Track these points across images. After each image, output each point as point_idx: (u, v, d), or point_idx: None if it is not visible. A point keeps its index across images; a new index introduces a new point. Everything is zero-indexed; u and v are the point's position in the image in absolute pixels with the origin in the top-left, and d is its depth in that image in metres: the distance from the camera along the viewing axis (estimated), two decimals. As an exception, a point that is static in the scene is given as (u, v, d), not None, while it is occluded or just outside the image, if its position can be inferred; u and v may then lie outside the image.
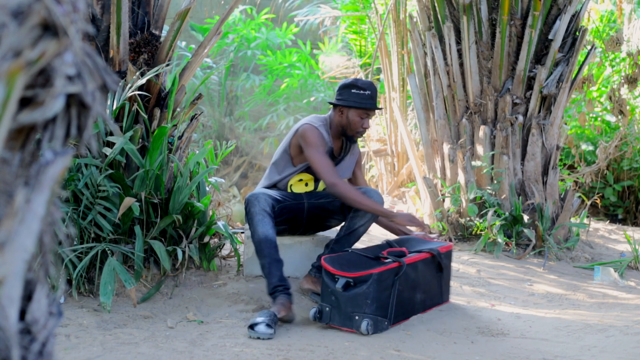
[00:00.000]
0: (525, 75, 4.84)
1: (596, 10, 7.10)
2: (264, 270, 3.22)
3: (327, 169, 3.32)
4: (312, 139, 3.38)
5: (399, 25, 6.31)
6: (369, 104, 3.42)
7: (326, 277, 3.09)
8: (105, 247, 3.33)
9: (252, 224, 3.26)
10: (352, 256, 3.22)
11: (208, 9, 10.28)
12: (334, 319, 3.05)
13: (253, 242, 3.27)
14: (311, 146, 3.37)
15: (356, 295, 3.01)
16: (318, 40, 9.70)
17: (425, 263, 3.28)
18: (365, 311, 2.99)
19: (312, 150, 3.36)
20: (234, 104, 9.48)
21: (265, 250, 3.19)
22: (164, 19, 3.79)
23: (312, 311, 3.11)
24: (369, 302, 2.99)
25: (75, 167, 3.34)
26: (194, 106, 3.81)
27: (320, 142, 3.39)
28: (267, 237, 3.21)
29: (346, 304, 3.02)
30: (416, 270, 3.22)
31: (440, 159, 5.13)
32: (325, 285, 3.09)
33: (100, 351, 2.71)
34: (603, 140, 6.33)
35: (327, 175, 3.30)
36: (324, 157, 3.36)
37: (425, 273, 3.30)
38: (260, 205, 3.26)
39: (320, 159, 3.34)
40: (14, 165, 0.77)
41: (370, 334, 2.97)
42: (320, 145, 3.38)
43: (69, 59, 0.78)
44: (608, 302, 3.79)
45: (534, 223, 4.71)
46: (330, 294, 3.06)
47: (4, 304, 0.76)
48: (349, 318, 3.01)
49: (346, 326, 3.02)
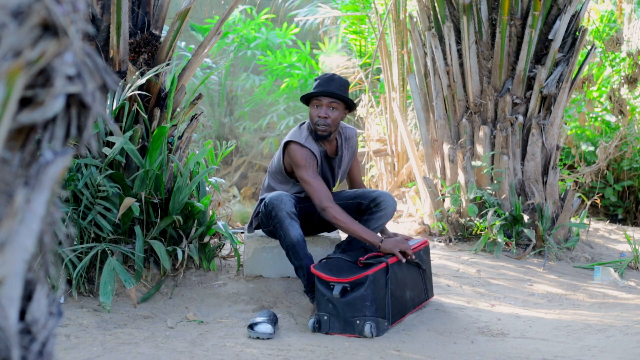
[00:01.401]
0: (525, 75, 4.84)
1: (596, 10, 7.10)
2: (300, 271, 3.22)
3: (317, 193, 3.26)
4: (299, 160, 3.31)
5: (399, 25, 6.31)
6: (314, 91, 3.35)
7: (320, 285, 3.05)
8: (105, 247, 3.33)
9: (281, 228, 3.21)
10: (339, 261, 3.21)
11: (208, 9, 10.28)
12: (334, 327, 3.02)
13: (284, 245, 3.24)
14: (300, 168, 3.31)
15: (355, 299, 2.98)
16: (318, 40, 9.70)
17: (408, 261, 3.27)
18: (366, 314, 2.96)
19: (302, 173, 3.30)
20: (234, 104, 9.48)
21: (301, 252, 3.20)
22: (164, 19, 3.79)
23: (311, 322, 3.06)
24: (368, 304, 2.96)
25: (75, 167, 3.34)
26: (193, 106, 3.81)
27: (309, 161, 3.31)
28: (299, 240, 3.21)
29: (345, 310, 2.98)
30: (402, 269, 3.20)
31: (440, 159, 5.13)
32: (320, 294, 3.04)
33: (100, 351, 2.71)
34: (603, 140, 6.33)
35: (318, 201, 3.25)
36: (314, 179, 3.28)
37: (411, 271, 3.29)
38: (287, 208, 3.23)
39: (311, 181, 3.28)
40: (14, 165, 0.77)
41: (374, 336, 2.95)
42: (309, 165, 3.31)
43: (69, 59, 0.78)
44: (608, 302, 3.79)
45: (534, 223, 4.71)
46: (327, 302, 3.02)
47: (4, 304, 0.76)
48: (350, 324, 2.98)
49: (347, 332, 2.99)
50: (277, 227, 3.24)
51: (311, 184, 3.27)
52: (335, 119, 3.35)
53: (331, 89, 3.32)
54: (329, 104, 3.33)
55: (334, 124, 3.36)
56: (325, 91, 3.32)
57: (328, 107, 3.33)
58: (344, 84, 3.39)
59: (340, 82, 3.38)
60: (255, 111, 9.47)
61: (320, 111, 3.33)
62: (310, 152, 3.33)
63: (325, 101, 3.33)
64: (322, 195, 3.25)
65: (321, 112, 3.32)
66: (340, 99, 3.34)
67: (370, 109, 7.05)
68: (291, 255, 3.24)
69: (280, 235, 3.24)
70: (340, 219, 3.22)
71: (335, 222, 3.24)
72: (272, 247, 3.63)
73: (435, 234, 5.00)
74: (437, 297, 3.63)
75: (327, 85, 3.34)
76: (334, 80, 3.37)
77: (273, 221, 3.26)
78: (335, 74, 3.42)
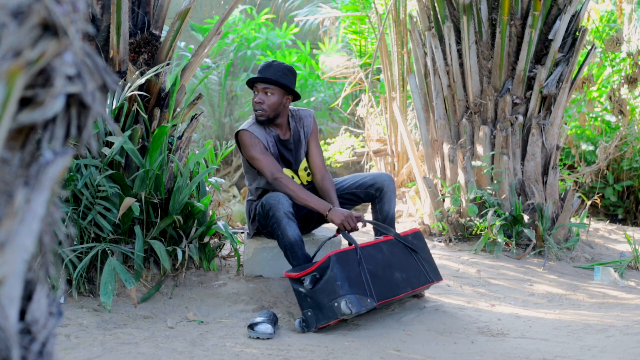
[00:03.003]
0: (525, 75, 4.84)
1: (596, 10, 7.10)
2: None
3: (265, 165, 3.36)
4: (245, 142, 3.43)
5: (399, 25, 6.31)
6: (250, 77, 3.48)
7: (295, 284, 3.09)
8: (105, 247, 3.33)
9: (279, 228, 3.25)
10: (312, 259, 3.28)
11: (208, 9, 10.28)
12: (320, 319, 3.01)
13: (282, 245, 3.27)
14: (246, 148, 3.42)
15: (325, 283, 2.99)
16: (318, 40, 9.70)
17: (389, 245, 3.30)
18: (340, 293, 2.96)
19: (250, 152, 3.41)
20: (234, 104, 9.47)
21: (299, 252, 3.24)
22: (164, 19, 3.79)
23: (297, 322, 3.07)
24: (339, 283, 2.97)
25: (75, 167, 3.34)
26: (193, 106, 3.81)
27: (253, 141, 3.42)
28: (297, 240, 3.24)
29: (322, 298, 3.00)
30: (381, 251, 3.23)
31: (440, 159, 5.13)
32: (297, 293, 3.08)
33: (100, 351, 2.71)
34: (603, 140, 6.33)
35: (269, 172, 3.36)
36: (262, 154, 3.39)
37: (396, 253, 3.30)
38: (284, 208, 3.26)
39: (258, 156, 3.38)
40: (14, 165, 0.77)
41: (353, 312, 2.93)
42: (254, 143, 3.41)
43: (69, 59, 0.78)
44: (608, 302, 3.79)
45: (534, 223, 4.71)
46: (305, 298, 3.04)
47: (4, 304, 0.76)
48: (330, 308, 2.98)
49: (332, 318, 2.98)
50: (274, 227, 3.26)
51: (259, 159, 3.38)
52: (272, 104, 3.45)
53: (266, 74, 3.44)
54: (264, 89, 3.44)
55: (270, 109, 3.46)
56: (259, 77, 3.45)
57: (263, 93, 3.45)
58: (282, 70, 3.46)
59: (278, 67, 3.46)
60: (255, 111, 9.46)
61: (256, 97, 3.46)
62: (254, 135, 3.43)
63: (260, 87, 3.46)
64: (272, 166, 3.37)
65: (257, 97, 3.46)
66: (275, 84, 3.43)
67: (370, 109, 7.05)
68: (289, 255, 3.25)
69: (278, 235, 3.26)
70: (290, 187, 3.32)
71: (286, 191, 3.33)
72: (272, 247, 3.64)
73: (435, 234, 5.01)
74: (437, 297, 3.63)
75: (263, 72, 3.46)
76: (272, 66, 3.46)
77: (270, 221, 3.28)
78: (276, 60, 3.51)
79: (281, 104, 3.47)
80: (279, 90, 3.45)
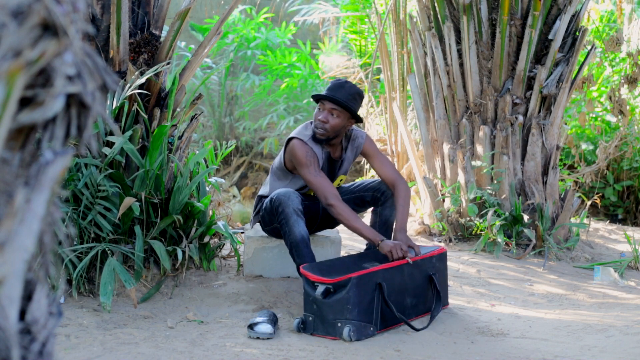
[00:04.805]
0: (525, 75, 4.84)
1: (596, 10, 7.10)
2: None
3: (322, 190, 3.26)
4: (300, 157, 3.30)
5: (399, 25, 6.31)
6: (322, 93, 3.36)
7: (306, 285, 3.02)
8: (105, 247, 3.33)
9: (287, 225, 3.22)
10: (340, 261, 3.20)
11: (208, 9, 10.28)
12: (318, 328, 2.98)
13: (288, 242, 3.25)
14: (302, 166, 3.30)
15: (336, 301, 2.93)
16: (318, 40, 9.69)
17: (410, 267, 3.18)
18: (347, 317, 2.91)
19: (304, 170, 3.30)
20: (234, 104, 9.47)
21: (304, 250, 3.21)
22: (164, 19, 3.78)
23: (295, 322, 3.05)
24: (350, 307, 2.91)
25: (75, 167, 3.34)
26: (194, 106, 3.81)
27: (310, 159, 3.30)
28: (304, 237, 3.21)
29: (328, 312, 2.94)
30: (401, 273, 3.14)
31: (440, 159, 5.13)
32: (306, 294, 3.02)
33: (100, 351, 2.71)
34: (603, 140, 6.32)
35: (323, 198, 3.26)
36: (317, 176, 3.28)
37: (415, 276, 3.21)
38: (294, 205, 3.23)
39: (313, 179, 3.28)
40: (14, 165, 0.77)
41: (353, 340, 2.89)
42: (311, 162, 3.30)
43: (69, 59, 0.78)
44: (608, 302, 3.79)
45: (534, 223, 4.71)
46: (312, 303, 2.99)
47: (4, 304, 0.76)
48: (332, 325, 2.93)
49: (330, 334, 2.95)
50: (282, 224, 3.24)
51: (313, 181, 3.28)
52: (335, 126, 3.34)
53: (337, 95, 3.32)
54: (331, 109, 3.33)
55: (332, 130, 3.35)
56: (329, 96, 3.32)
57: (329, 112, 3.33)
58: (353, 93, 3.35)
59: (350, 90, 3.35)
60: (255, 111, 9.46)
61: (321, 114, 3.34)
62: (312, 151, 3.33)
63: (327, 106, 3.33)
64: (327, 192, 3.25)
65: (321, 115, 3.34)
66: (343, 107, 3.32)
67: (370, 109, 7.05)
68: (294, 252, 3.24)
69: (285, 231, 3.24)
70: (344, 215, 3.23)
71: (339, 219, 3.27)
72: (272, 247, 3.64)
73: (435, 234, 5.00)
74: (437, 297, 3.63)
75: (334, 91, 3.33)
76: (344, 88, 3.35)
77: (279, 217, 3.25)
78: (349, 82, 3.39)
79: (344, 127, 3.38)
80: (345, 114, 3.34)
